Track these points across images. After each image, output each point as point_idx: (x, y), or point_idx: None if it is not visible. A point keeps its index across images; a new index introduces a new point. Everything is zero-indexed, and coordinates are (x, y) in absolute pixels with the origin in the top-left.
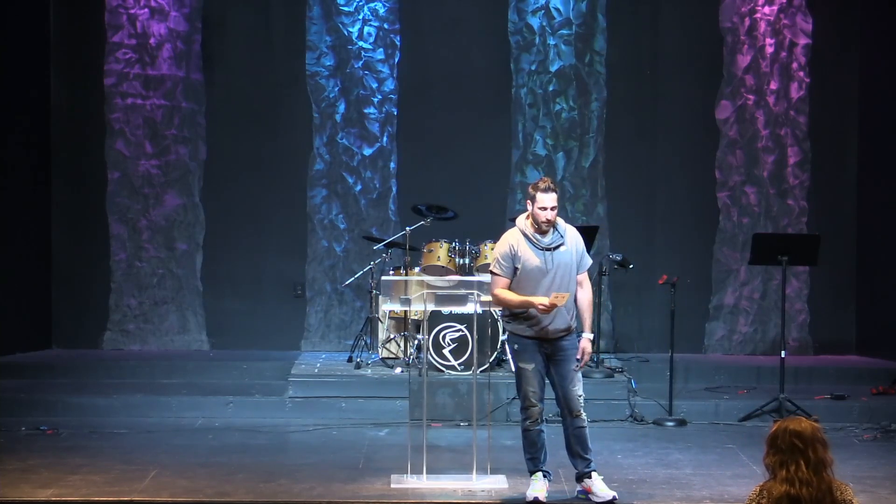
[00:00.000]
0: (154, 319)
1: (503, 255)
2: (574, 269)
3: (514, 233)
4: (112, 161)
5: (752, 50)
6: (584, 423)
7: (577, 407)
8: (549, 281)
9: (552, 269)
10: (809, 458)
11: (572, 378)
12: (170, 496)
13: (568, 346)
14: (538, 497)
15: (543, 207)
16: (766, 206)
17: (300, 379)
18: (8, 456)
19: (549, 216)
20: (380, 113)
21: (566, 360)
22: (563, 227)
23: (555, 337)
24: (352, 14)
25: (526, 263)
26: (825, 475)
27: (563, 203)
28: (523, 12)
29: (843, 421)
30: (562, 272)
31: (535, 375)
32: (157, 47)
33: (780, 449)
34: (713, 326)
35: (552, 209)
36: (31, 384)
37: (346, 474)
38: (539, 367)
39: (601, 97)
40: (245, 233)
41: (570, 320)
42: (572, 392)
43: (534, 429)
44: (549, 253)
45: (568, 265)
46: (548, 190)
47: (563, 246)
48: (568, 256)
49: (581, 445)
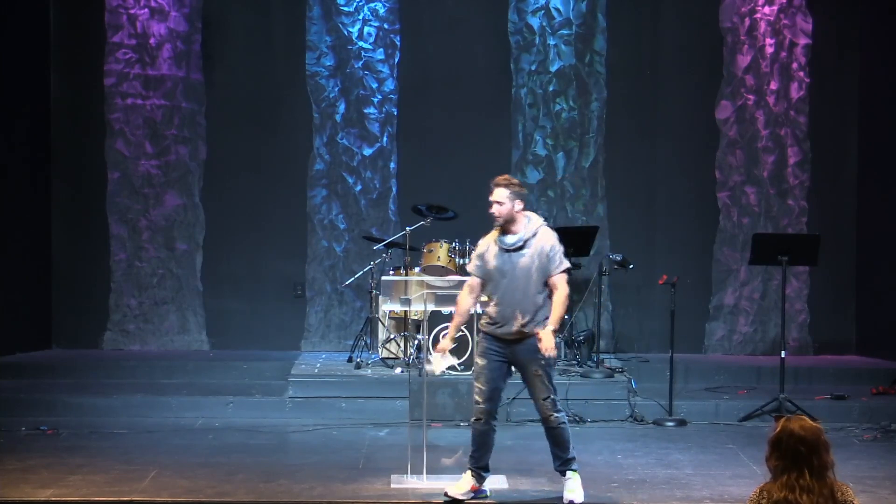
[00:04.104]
0: (154, 319)
1: (476, 254)
2: (533, 274)
3: (491, 233)
4: (112, 161)
5: (752, 50)
6: (555, 424)
7: (544, 411)
8: (507, 283)
9: (509, 271)
10: (813, 465)
11: (534, 383)
12: (170, 496)
13: (523, 351)
14: (448, 492)
15: (490, 202)
16: (766, 206)
17: (300, 379)
18: (8, 456)
19: (495, 210)
20: (380, 113)
21: (525, 364)
22: (535, 230)
23: (510, 338)
24: (352, 14)
25: (489, 264)
26: (827, 479)
27: (564, 203)
28: (523, 12)
29: (843, 421)
30: (519, 275)
31: (483, 372)
32: (157, 47)
33: (784, 454)
34: (713, 326)
35: (497, 204)
36: (31, 384)
37: (346, 474)
38: (491, 366)
39: (601, 97)
40: (245, 233)
41: (523, 324)
42: (535, 396)
43: (477, 426)
44: (509, 255)
45: (526, 269)
46: (496, 185)
47: (524, 249)
48: (525, 261)
49: (557, 446)
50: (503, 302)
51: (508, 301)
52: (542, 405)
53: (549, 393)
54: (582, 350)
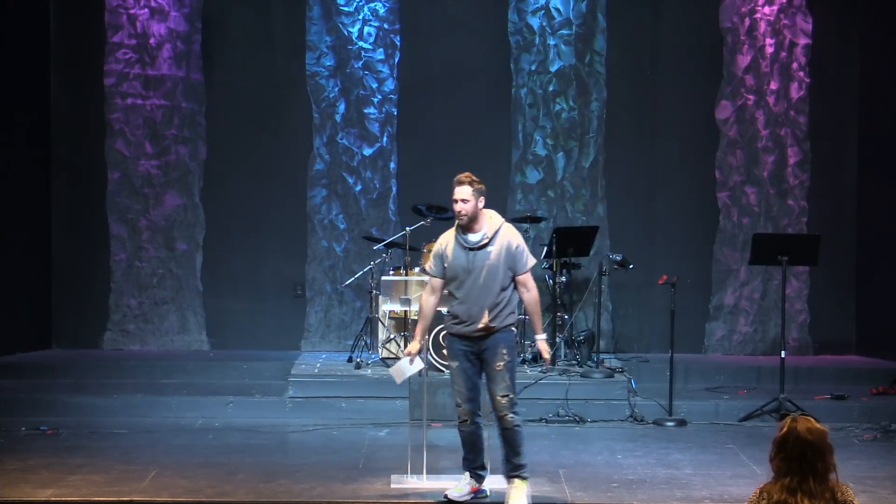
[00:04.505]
0: (154, 319)
1: (434, 253)
2: (500, 271)
3: (448, 232)
4: (112, 161)
5: (752, 50)
6: (510, 424)
7: (500, 408)
8: (472, 281)
9: (474, 269)
10: (817, 470)
11: (495, 378)
12: (170, 496)
13: (490, 345)
14: (448, 494)
15: (455, 199)
16: (766, 206)
17: (300, 379)
18: (8, 456)
19: (459, 208)
20: (380, 113)
21: (489, 359)
22: (498, 227)
23: (476, 335)
24: (352, 14)
25: (451, 262)
26: (829, 481)
27: (564, 203)
28: (523, 12)
29: (843, 421)
30: (485, 273)
31: (459, 373)
32: (157, 47)
33: (789, 455)
34: (713, 326)
35: (463, 201)
36: (31, 384)
37: (346, 474)
38: (464, 366)
39: (601, 97)
40: (245, 233)
41: (489, 320)
42: (494, 392)
43: (464, 429)
44: (473, 252)
45: (493, 266)
46: (460, 183)
47: (489, 246)
48: (492, 257)
49: (509, 447)
50: (469, 300)
51: (475, 299)
52: (498, 402)
53: (508, 391)
54: (582, 350)
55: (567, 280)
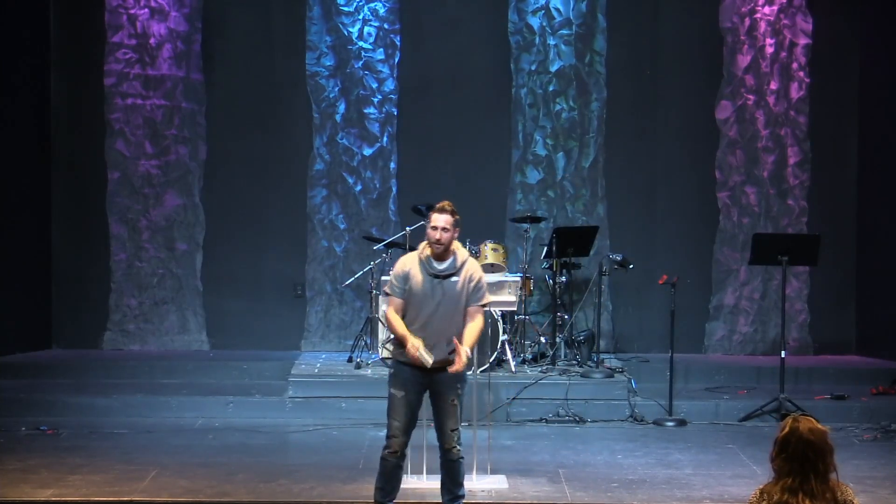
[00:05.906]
0: (154, 319)
1: (396, 275)
2: (461, 302)
3: (411, 255)
4: (112, 161)
5: (752, 50)
6: (455, 457)
7: (449, 441)
8: (433, 308)
9: (438, 297)
10: (818, 471)
11: (447, 411)
12: (170, 496)
13: (445, 379)
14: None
15: (435, 227)
16: (766, 206)
17: (300, 379)
18: (8, 456)
19: (438, 236)
20: (380, 113)
21: (442, 392)
22: (464, 259)
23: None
24: (352, 14)
25: (414, 287)
26: (830, 482)
27: (564, 203)
28: (523, 12)
29: (843, 421)
30: (447, 302)
31: (402, 405)
32: (157, 47)
33: (791, 456)
34: (713, 326)
35: (443, 230)
36: (31, 384)
37: (346, 474)
38: (410, 398)
39: (601, 97)
40: (245, 233)
41: (448, 353)
42: (446, 426)
43: (391, 460)
44: (439, 281)
45: (455, 297)
46: (442, 211)
47: (454, 276)
48: (457, 288)
49: (450, 478)
50: (429, 328)
51: (436, 328)
52: (448, 436)
53: (457, 424)
54: (582, 350)
55: (567, 280)
